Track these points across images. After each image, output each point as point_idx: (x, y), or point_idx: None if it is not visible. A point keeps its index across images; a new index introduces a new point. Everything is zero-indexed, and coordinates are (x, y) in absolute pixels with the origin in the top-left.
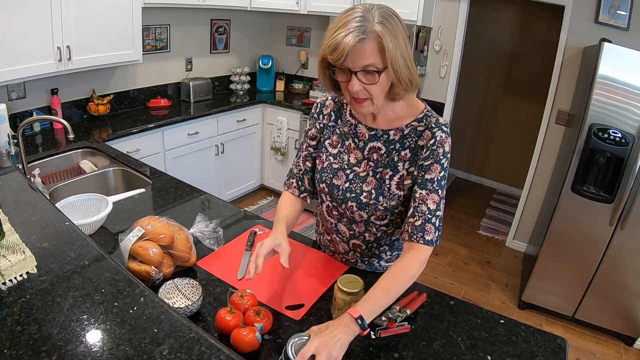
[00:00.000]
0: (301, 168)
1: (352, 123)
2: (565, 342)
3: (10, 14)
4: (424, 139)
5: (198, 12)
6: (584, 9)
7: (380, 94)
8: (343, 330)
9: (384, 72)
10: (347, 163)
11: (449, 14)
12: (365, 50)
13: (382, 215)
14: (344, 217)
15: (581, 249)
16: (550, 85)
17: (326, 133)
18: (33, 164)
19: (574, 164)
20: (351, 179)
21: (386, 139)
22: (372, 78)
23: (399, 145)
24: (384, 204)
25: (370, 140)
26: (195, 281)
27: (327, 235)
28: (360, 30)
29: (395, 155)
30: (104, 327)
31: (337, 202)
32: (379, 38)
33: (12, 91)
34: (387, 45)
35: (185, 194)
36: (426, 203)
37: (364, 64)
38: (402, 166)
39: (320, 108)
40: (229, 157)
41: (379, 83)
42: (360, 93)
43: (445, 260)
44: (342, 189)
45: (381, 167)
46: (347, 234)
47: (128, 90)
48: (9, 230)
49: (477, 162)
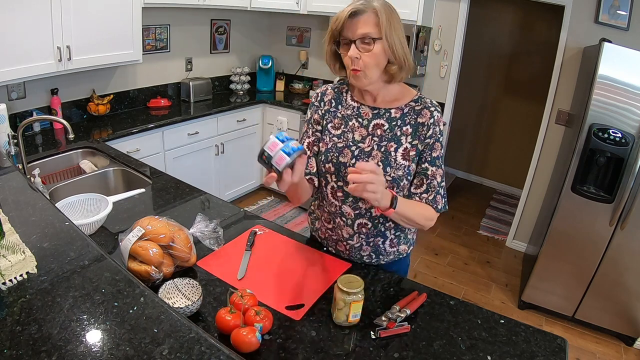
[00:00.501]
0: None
1: (354, 106)
2: (565, 342)
3: (10, 14)
4: (423, 117)
5: (198, 12)
6: (584, 9)
7: (374, 67)
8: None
9: (378, 42)
10: (352, 140)
11: (449, 14)
12: (362, 21)
13: (390, 186)
14: (350, 196)
15: (581, 249)
16: (550, 85)
17: (328, 118)
18: (33, 164)
19: (574, 164)
20: (357, 155)
21: (388, 116)
22: (368, 46)
23: (401, 121)
24: (392, 174)
25: (374, 118)
26: (195, 281)
27: (329, 224)
28: (358, 6)
29: (397, 130)
30: (104, 327)
31: (344, 180)
32: (375, 11)
33: (12, 91)
34: (382, 18)
35: (185, 194)
36: (435, 178)
37: (361, 32)
38: (405, 139)
39: (321, 97)
40: (229, 157)
41: (374, 52)
42: (356, 63)
43: (445, 260)
44: (348, 165)
45: (385, 141)
46: (352, 215)
47: (128, 90)
48: (9, 230)
49: (477, 162)
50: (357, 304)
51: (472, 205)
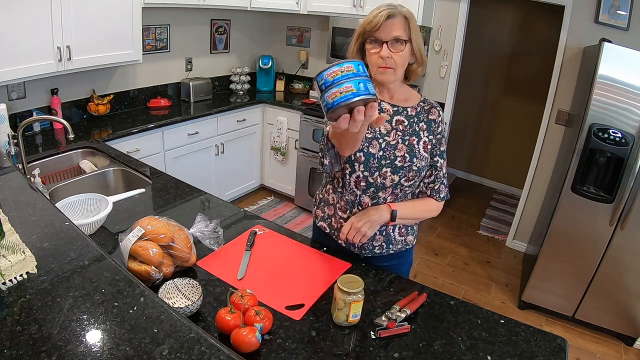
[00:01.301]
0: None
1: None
2: (565, 342)
3: (10, 14)
4: (433, 115)
5: (198, 12)
6: (584, 9)
7: (402, 66)
8: (375, 214)
9: (407, 44)
10: (379, 133)
11: (449, 14)
12: (395, 24)
13: (412, 176)
14: (372, 186)
15: (581, 249)
16: (550, 85)
17: None
18: (33, 164)
19: (574, 164)
20: (384, 147)
21: (406, 114)
22: (399, 47)
23: (416, 119)
24: (417, 164)
25: (395, 115)
26: (195, 281)
27: (344, 213)
28: (391, 10)
29: (415, 126)
30: (104, 327)
31: (371, 171)
32: (405, 16)
33: (12, 91)
34: (412, 23)
35: (185, 194)
36: (442, 169)
37: (394, 35)
38: (423, 134)
39: None
40: (229, 157)
41: (403, 53)
42: (388, 61)
43: (445, 260)
44: (377, 157)
45: (407, 136)
46: (369, 204)
47: (128, 90)
48: (9, 230)
49: (477, 162)
50: (357, 304)
51: (472, 205)
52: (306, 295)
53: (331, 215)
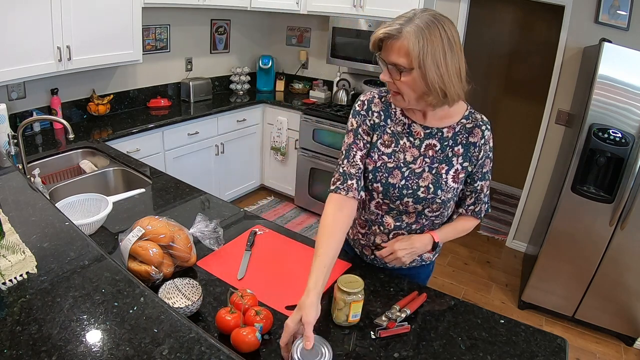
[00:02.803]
0: (360, 167)
1: (405, 122)
2: (565, 342)
3: (10, 14)
4: (475, 136)
5: (198, 12)
6: (584, 9)
7: (409, 93)
8: (419, 246)
9: (409, 72)
10: (404, 161)
11: (449, 14)
12: (394, 48)
13: (437, 208)
14: (394, 210)
15: (581, 249)
16: (550, 85)
17: (378, 132)
18: (33, 164)
19: (574, 164)
20: (407, 176)
21: (440, 136)
22: (396, 74)
23: (452, 141)
24: (442, 197)
25: (426, 138)
26: (195, 281)
27: (362, 229)
28: (396, 29)
29: (449, 151)
30: (104, 327)
31: (392, 199)
32: (406, 40)
33: (12, 91)
34: (412, 48)
35: (185, 194)
36: (483, 190)
37: (391, 61)
38: (457, 161)
39: (368, 105)
40: (229, 157)
41: (405, 82)
42: (389, 85)
43: (445, 260)
44: (397, 187)
45: (437, 163)
46: (391, 226)
47: (128, 90)
48: (9, 230)
49: None
50: (357, 304)
51: None
52: None
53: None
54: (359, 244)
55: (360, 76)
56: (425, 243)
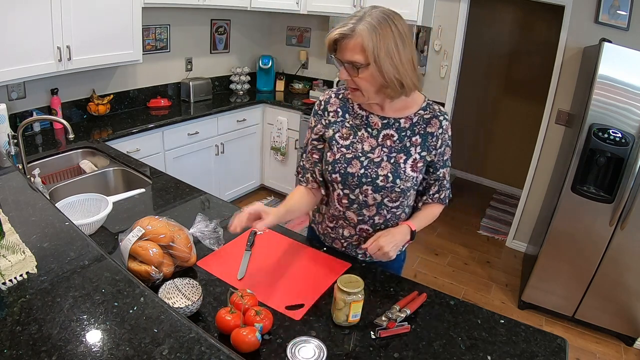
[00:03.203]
0: (312, 161)
1: (363, 115)
2: (565, 342)
3: (10, 14)
4: (433, 127)
5: (198, 12)
6: (584, 9)
7: (368, 88)
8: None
9: (365, 68)
10: (362, 151)
11: (449, 14)
12: (349, 46)
13: (396, 197)
14: (355, 203)
15: (581, 249)
16: (550, 85)
17: (335, 128)
18: (33, 164)
19: (574, 164)
20: (365, 166)
21: (398, 126)
22: (353, 72)
23: (410, 132)
24: (401, 185)
25: (384, 128)
26: (195, 281)
27: (331, 223)
28: (349, 28)
29: (407, 141)
30: (104, 327)
31: (351, 189)
32: (360, 37)
33: (12, 91)
34: (367, 45)
35: (185, 194)
36: (445, 177)
37: (347, 59)
38: (415, 150)
39: (324, 105)
40: (229, 157)
41: (363, 77)
42: (348, 83)
43: (445, 260)
44: (356, 176)
45: (395, 152)
46: (355, 220)
47: (128, 90)
48: (9, 230)
49: (477, 162)
50: (357, 304)
51: (472, 205)
52: (306, 295)
53: (320, 221)
54: (329, 238)
55: None
56: (404, 233)
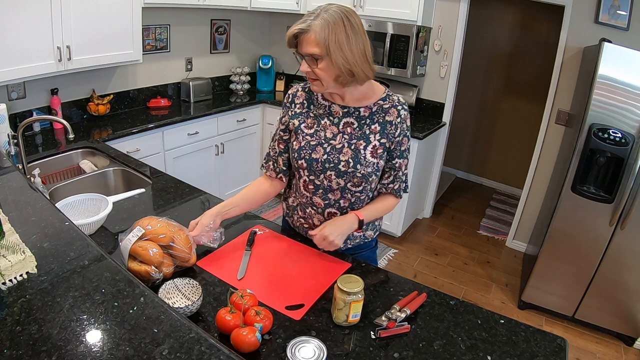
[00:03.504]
0: (277, 150)
1: (325, 105)
2: (565, 342)
3: (10, 14)
4: (391, 115)
5: (198, 12)
6: (584, 9)
7: (327, 78)
8: (345, 226)
9: (323, 59)
10: (324, 138)
11: (449, 14)
12: (305, 40)
13: (358, 182)
14: (320, 188)
15: (581, 249)
16: (550, 85)
17: (301, 118)
18: (33, 164)
19: (574, 164)
20: (328, 152)
21: (357, 115)
22: (312, 63)
23: (369, 120)
24: (362, 171)
25: (344, 117)
26: (195, 281)
27: (301, 212)
28: (307, 24)
29: (366, 128)
30: (104, 327)
31: (316, 174)
32: (314, 32)
33: (12, 91)
34: (319, 38)
35: (185, 194)
36: (402, 169)
37: (306, 52)
38: (374, 137)
39: (292, 98)
40: (229, 157)
41: (321, 68)
42: (309, 74)
43: (445, 260)
44: (320, 161)
45: (355, 139)
46: (322, 205)
47: (128, 90)
48: (9, 230)
49: (477, 162)
50: (357, 304)
51: (472, 205)
52: (306, 295)
53: (293, 214)
54: (302, 229)
55: None
56: (351, 222)
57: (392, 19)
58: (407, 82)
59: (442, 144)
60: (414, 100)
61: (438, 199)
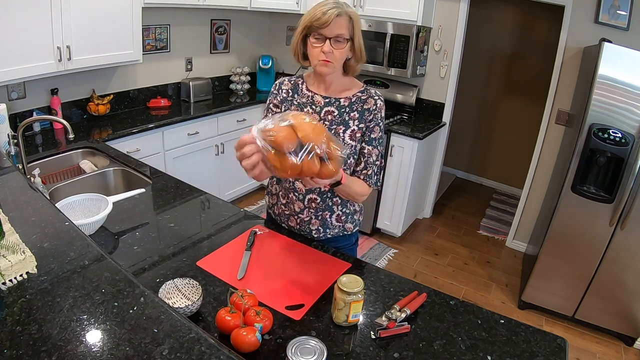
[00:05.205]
0: None
1: (309, 95)
2: (565, 342)
3: (11, 14)
4: (368, 104)
5: (198, 12)
6: (584, 9)
7: (340, 60)
8: None
9: (346, 43)
10: None
11: (449, 14)
12: (340, 23)
13: None
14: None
15: (581, 249)
16: (550, 85)
17: (285, 105)
18: (33, 164)
19: (574, 164)
20: None
21: (338, 104)
22: (340, 45)
23: (349, 109)
24: None
25: (325, 106)
26: (195, 281)
27: (283, 199)
28: (338, 9)
29: (346, 115)
30: (104, 327)
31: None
32: (349, 16)
33: (12, 91)
34: (356, 23)
35: (185, 194)
36: (371, 156)
37: (338, 33)
38: (353, 123)
39: (279, 86)
40: (229, 157)
41: (344, 50)
42: (329, 55)
43: (445, 260)
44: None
45: (335, 125)
46: (303, 190)
47: (128, 90)
48: (9, 230)
49: (477, 162)
50: (357, 304)
51: (472, 205)
52: (306, 295)
53: (275, 203)
54: (284, 217)
55: (360, 76)
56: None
57: (392, 19)
58: (407, 82)
59: (442, 144)
60: (414, 100)
61: (438, 199)
